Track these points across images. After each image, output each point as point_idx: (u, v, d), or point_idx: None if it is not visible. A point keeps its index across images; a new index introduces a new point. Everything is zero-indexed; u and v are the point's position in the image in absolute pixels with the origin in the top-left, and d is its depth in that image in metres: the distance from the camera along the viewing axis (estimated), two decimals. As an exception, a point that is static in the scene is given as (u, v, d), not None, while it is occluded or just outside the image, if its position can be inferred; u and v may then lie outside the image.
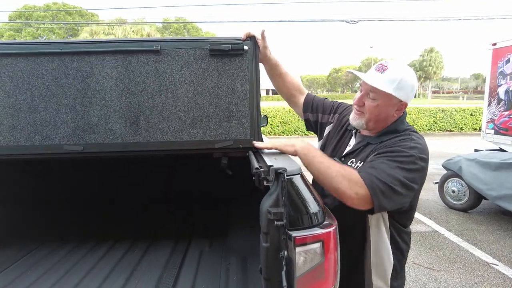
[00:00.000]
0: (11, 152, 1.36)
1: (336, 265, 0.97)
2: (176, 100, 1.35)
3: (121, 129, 1.36)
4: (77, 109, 1.35)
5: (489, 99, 6.23)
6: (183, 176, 2.79)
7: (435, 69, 56.67)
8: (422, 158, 1.12)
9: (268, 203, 0.95)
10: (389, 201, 1.05)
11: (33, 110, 1.34)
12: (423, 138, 1.21)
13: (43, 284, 1.61)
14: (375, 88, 1.17)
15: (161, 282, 1.60)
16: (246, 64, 1.36)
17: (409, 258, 3.28)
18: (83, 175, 2.61)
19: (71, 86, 1.34)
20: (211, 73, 1.35)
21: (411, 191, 1.10)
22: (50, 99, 1.34)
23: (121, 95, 1.35)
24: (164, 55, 1.34)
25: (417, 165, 1.10)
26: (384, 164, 1.09)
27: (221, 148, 1.39)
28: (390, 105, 1.19)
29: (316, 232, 0.93)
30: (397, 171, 1.07)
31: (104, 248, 1.99)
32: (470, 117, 13.84)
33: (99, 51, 1.33)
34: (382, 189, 1.03)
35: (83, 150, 1.36)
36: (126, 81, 1.34)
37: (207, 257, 1.85)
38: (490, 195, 4.03)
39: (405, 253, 1.29)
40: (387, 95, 1.16)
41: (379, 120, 1.23)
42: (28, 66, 1.33)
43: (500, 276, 2.96)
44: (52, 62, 1.33)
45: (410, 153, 1.11)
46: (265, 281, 0.98)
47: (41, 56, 1.33)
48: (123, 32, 27.61)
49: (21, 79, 1.33)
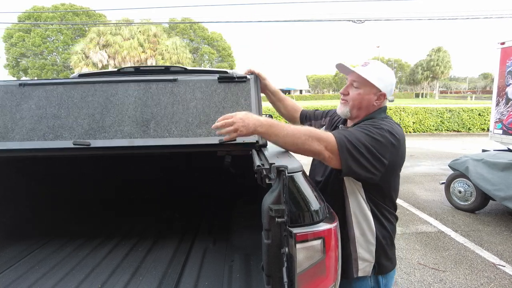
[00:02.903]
0: (22, 147, 1.41)
1: (337, 262, 0.97)
2: (186, 110, 1.49)
3: (130, 129, 1.46)
4: (95, 117, 1.49)
5: (497, 99, 6.14)
6: (188, 176, 2.82)
7: (442, 68, 56.03)
8: (392, 133, 1.21)
9: (270, 200, 0.96)
10: (355, 163, 1.14)
11: (55, 117, 1.49)
12: (399, 125, 1.31)
13: (51, 278, 1.64)
14: (359, 77, 1.32)
15: (165, 279, 1.62)
16: (249, 87, 1.58)
17: (414, 259, 3.26)
18: (91, 175, 2.65)
19: (94, 101, 1.52)
20: (219, 93, 1.56)
21: (378, 163, 1.16)
22: (74, 109, 1.51)
23: (137, 106, 1.51)
24: (180, 83, 1.59)
25: (385, 138, 1.18)
26: (355, 131, 1.21)
27: (225, 145, 1.41)
28: (371, 93, 1.33)
29: (317, 229, 0.94)
30: (366, 137, 1.17)
31: (110, 246, 2.02)
32: (478, 117, 13.66)
33: (126, 80, 1.59)
34: (349, 148, 1.13)
35: (90, 145, 1.40)
36: (144, 98, 1.54)
37: (211, 254, 1.87)
38: (497, 195, 3.97)
39: (390, 232, 1.32)
40: (369, 84, 1.31)
41: (361, 108, 1.35)
42: (64, 91, 1.54)
43: (507, 277, 2.93)
44: (83, 86, 1.56)
45: (380, 126, 1.22)
46: (267, 278, 0.99)
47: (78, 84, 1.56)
48: (130, 32, 27.81)
49: (54, 98, 1.53)
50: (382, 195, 1.29)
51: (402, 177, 6.55)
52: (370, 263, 1.28)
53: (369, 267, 1.28)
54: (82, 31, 38.56)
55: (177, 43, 29.29)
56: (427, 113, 13.54)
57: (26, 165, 2.19)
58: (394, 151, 1.20)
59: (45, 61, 38.46)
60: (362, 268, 1.27)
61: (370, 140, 1.17)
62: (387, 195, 1.30)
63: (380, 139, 1.17)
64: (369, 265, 1.28)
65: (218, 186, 2.74)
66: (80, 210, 2.57)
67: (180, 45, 29.57)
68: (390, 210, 1.33)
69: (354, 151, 1.13)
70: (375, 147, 1.16)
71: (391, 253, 1.34)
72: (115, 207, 2.69)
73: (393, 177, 1.29)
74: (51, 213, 2.41)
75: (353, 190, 1.28)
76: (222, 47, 43.80)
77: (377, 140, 1.17)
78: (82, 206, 2.60)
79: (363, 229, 1.27)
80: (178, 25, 40.82)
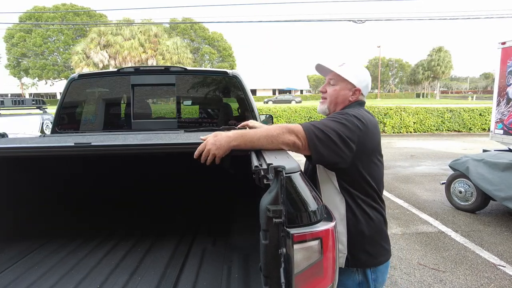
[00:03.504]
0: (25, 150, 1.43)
1: (334, 263, 0.97)
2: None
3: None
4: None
5: (498, 99, 6.14)
6: (187, 176, 2.82)
7: (443, 68, 55.91)
8: (358, 118, 1.26)
9: (267, 201, 0.95)
10: (325, 148, 1.19)
11: None
12: (370, 114, 1.37)
13: (50, 278, 1.65)
14: (335, 75, 1.42)
15: (164, 279, 1.62)
16: None
17: (414, 259, 3.26)
18: (91, 175, 2.65)
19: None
20: None
21: (345, 145, 1.21)
22: None
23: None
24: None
25: (351, 122, 1.24)
26: (323, 120, 1.28)
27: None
28: (346, 88, 1.42)
29: (315, 230, 0.93)
30: (332, 123, 1.23)
31: (109, 246, 2.02)
32: (479, 117, 13.64)
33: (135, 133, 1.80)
34: (317, 134, 1.19)
35: (91, 143, 1.41)
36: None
37: (210, 255, 1.87)
38: (498, 196, 3.97)
39: (369, 225, 1.31)
40: (343, 80, 1.40)
41: (338, 103, 1.44)
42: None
43: (507, 278, 2.92)
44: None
45: (346, 112, 1.29)
46: (265, 278, 0.99)
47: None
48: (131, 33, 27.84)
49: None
50: (356, 184, 1.30)
51: (402, 177, 6.54)
52: (342, 254, 1.29)
53: (342, 258, 1.29)
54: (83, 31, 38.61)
55: (178, 43, 29.32)
56: (427, 113, 13.52)
57: (26, 165, 2.19)
58: (361, 134, 1.24)
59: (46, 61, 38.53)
60: None
61: (336, 124, 1.22)
62: (362, 183, 1.31)
63: (346, 123, 1.23)
64: (342, 256, 1.29)
65: (218, 186, 2.74)
66: (80, 210, 2.57)
67: (180, 45, 29.60)
68: (368, 202, 1.32)
69: (321, 135, 1.19)
70: (341, 130, 1.21)
71: (372, 247, 1.32)
72: (114, 207, 2.69)
73: (365, 163, 1.30)
74: (50, 213, 2.41)
75: (326, 178, 1.33)
76: (223, 47, 43.81)
77: (343, 124, 1.23)
78: (82, 206, 2.61)
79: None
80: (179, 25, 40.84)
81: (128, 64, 26.32)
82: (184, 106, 3.24)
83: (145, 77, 2.88)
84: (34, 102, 8.79)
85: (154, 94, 3.30)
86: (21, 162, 2.10)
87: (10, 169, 2.08)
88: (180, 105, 3.04)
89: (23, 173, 2.23)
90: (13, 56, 38.03)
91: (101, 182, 2.75)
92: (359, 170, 1.28)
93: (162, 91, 3.24)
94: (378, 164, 1.36)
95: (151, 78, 2.89)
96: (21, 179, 2.24)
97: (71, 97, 2.94)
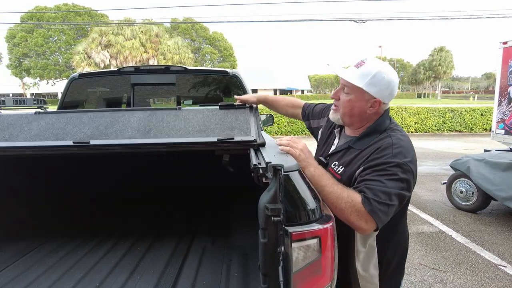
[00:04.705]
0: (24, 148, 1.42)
1: (333, 262, 0.97)
2: (187, 123, 1.58)
3: (130, 134, 1.48)
4: (99, 128, 1.55)
5: (500, 99, 6.12)
6: (187, 175, 2.82)
7: (445, 68, 55.85)
8: (408, 162, 1.12)
9: (266, 199, 0.95)
10: (387, 215, 1.10)
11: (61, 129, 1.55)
12: (405, 136, 1.21)
13: (50, 277, 1.65)
14: (349, 82, 1.20)
15: (163, 277, 1.62)
16: (248, 111, 1.72)
17: (415, 259, 3.25)
18: (91, 175, 2.65)
19: (102, 120, 1.64)
20: (218, 113, 1.69)
21: (403, 198, 1.14)
22: (79, 125, 1.60)
23: (141, 121, 1.60)
24: (183, 110, 1.74)
25: (406, 172, 1.11)
26: (376, 182, 1.10)
27: (223, 143, 1.40)
28: (362, 100, 1.21)
29: (313, 228, 0.93)
30: (391, 184, 1.09)
31: (109, 244, 2.02)
32: (481, 117, 13.60)
33: (135, 109, 1.77)
34: (382, 210, 1.07)
35: (90, 143, 1.40)
36: (149, 118, 1.64)
37: (209, 253, 1.87)
38: (499, 196, 3.95)
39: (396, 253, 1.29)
40: (359, 89, 1.18)
41: (353, 115, 1.25)
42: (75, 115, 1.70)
43: (508, 277, 2.91)
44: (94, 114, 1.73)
45: (396, 162, 1.11)
46: (263, 277, 0.98)
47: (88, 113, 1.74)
48: (132, 32, 27.86)
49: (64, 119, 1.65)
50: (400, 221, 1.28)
51: (404, 177, 6.53)
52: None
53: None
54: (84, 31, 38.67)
55: (179, 43, 29.29)
56: (429, 113, 13.50)
57: (26, 164, 2.20)
58: (414, 175, 1.15)
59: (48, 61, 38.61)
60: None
61: (395, 183, 1.10)
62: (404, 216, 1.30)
63: (402, 176, 1.10)
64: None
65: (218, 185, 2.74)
66: (79, 210, 2.57)
67: (181, 45, 29.57)
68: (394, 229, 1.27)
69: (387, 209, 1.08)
70: (400, 187, 1.10)
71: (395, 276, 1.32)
72: (114, 206, 2.69)
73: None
74: (50, 213, 2.41)
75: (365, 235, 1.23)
76: (224, 47, 43.79)
77: (400, 179, 1.10)
78: (81, 206, 2.61)
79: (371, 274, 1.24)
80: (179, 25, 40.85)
81: (129, 64, 26.32)
82: (185, 105, 3.24)
83: (146, 76, 2.88)
84: (35, 101, 8.76)
85: (155, 93, 3.30)
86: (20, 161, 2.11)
87: (9, 168, 2.08)
88: (180, 105, 3.04)
89: (23, 171, 2.24)
90: (15, 56, 38.13)
91: (101, 181, 2.75)
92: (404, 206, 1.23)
93: (162, 91, 3.24)
94: None
95: (152, 77, 2.90)
96: (20, 177, 2.24)
97: (71, 97, 2.94)
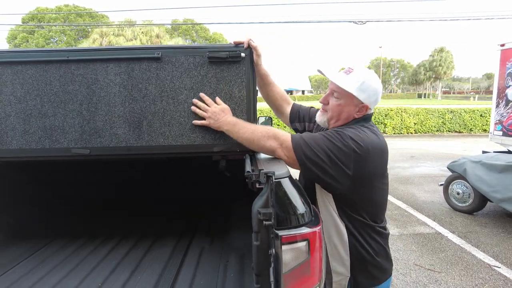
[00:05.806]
0: (23, 154, 1.45)
1: (321, 262, 1.03)
2: (176, 106, 1.40)
3: (125, 133, 1.42)
4: (83, 114, 1.41)
5: (497, 100, 6.16)
6: (185, 178, 2.88)
7: (445, 69, 55.83)
8: (355, 140, 1.13)
9: (259, 204, 1.01)
10: (312, 163, 1.13)
11: (42, 115, 1.42)
12: (375, 134, 1.21)
13: (54, 276, 1.71)
14: (339, 88, 1.24)
15: (162, 277, 1.68)
16: (243, 71, 1.39)
17: (410, 259, 3.30)
18: (92, 177, 2.71)
19: (77, 93, 1.41)
20: (209, 80, 1.39)
21: (336, 168, 1.11)
22: (58, 105, 1.41)
23: (125, 101, 1.41)
24: (165, 62, 1.39)
25: (347, 144, 1.12)
26: (316, 134, 1.20)
27: (220, 152, 1.45)
28: (351, 104, 1.25)
29: (302, 232, 0.99)
30: (324, 141, 1.14)
31: (110, 246, 2.08)
32: (480, 118, 13.64)
33: (103, 58, 1.39)
34: (304, 150, 1.14)
35: (90, 153, 1.44)
36: (129, 88, 1.40)
37: (207, 254, 1.92)
38: (495, 197, 4.00)
39: (373, 249, 1.23)
40: (349, 95, 1.23)
41: (340, 119, 1.29)
42: (37, 73, 1.40)
43: (502, 278, 2.96)
44: (59, 69, 1.40)
45: (343, 132, 1.16)
46: (256, 277, 1.04)
47: (49, 64, 1.40)
48: (133, 33, 27.96)
49: (31, 86, 1.41)
50: (357, 209, 1.20)
51: (402, 178, 6.57)
52: (345, 276, 1.23)
53: (345, 280, 1.24)
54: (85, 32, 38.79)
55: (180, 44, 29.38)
56: (428, 114, 13.55)
57: (29, 166, 2.25)
58: (359, 158, 1.12)
59: (49, 62, 38.66)
60: (337, 281, 1.24)
61: (328, 143, 1.13)
62: (364, 209, 1.21)
63: (339, 144, 1.12)
64: (345, 279, 1.24)
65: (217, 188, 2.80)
66: (83, 211, 2.63)
67: (182, 46, 29.63)
68: (371, 225, 1.23)
69: (309, 151, 1.13)
70: (332, 150, 1.12)
71: (374, 269, 1.26)
72: (116, 207, 2.75)
73: (366, 189, 1.19)
74: (54, 214, 2.47)
75: (324, 203, 1.22)
76: (224, 48, 43.84)
77: (335, 144, 1.12)
78: (84, 207, 2.67)
79: (334, 243, 1.21)
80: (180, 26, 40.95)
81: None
82: None
83: None
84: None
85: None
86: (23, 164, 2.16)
87: (14, 171, 2.14)
88: None
89: (27, 174, 2.30)
90: (16, 56, 38.19)
91: (103, 183, 2.81)
92: (358, 197, 1.18)
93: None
94: (382, 187, 1.24)
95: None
96: (25, 180, 2.30)
97: None
